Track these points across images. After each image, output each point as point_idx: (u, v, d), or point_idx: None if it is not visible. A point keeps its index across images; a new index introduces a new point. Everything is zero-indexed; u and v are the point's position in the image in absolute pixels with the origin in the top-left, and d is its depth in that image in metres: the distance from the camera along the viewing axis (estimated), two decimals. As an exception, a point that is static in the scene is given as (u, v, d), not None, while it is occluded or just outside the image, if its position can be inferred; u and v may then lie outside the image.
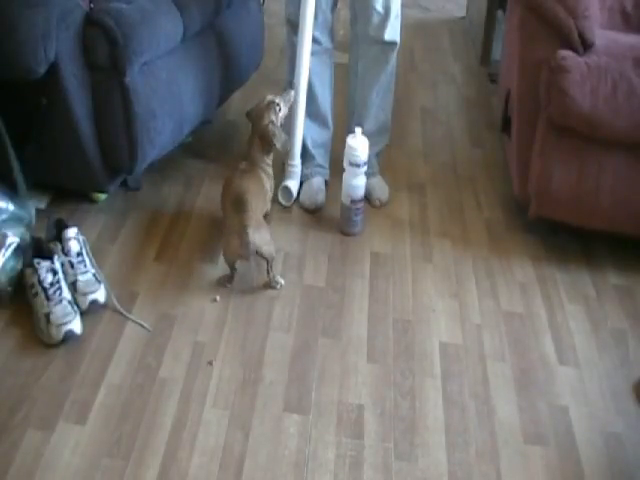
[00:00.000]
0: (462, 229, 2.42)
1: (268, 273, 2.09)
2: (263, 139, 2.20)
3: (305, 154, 2.51)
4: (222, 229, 2.13)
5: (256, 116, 2.22)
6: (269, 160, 2.25)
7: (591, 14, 2.13)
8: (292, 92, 2.30)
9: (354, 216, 2.34)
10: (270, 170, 2.25)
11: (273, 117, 2.20)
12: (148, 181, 2.49)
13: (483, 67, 3.62)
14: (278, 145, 2.19)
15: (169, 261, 2.17)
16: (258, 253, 2.03)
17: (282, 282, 2.11)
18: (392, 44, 2.40)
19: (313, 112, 2.48)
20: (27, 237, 2.06)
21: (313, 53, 2.34)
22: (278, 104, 2.22)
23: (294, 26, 2.34)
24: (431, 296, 2.13)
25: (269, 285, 2.10)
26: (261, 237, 2.02)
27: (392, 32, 2.37)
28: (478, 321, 2.05)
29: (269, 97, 2.24)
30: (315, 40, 2.35)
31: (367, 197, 2.42)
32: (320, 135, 2.55)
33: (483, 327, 2.03)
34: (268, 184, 2.23)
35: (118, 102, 2.11)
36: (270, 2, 3.55)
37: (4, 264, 1.95)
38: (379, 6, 2.30)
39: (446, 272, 2.23)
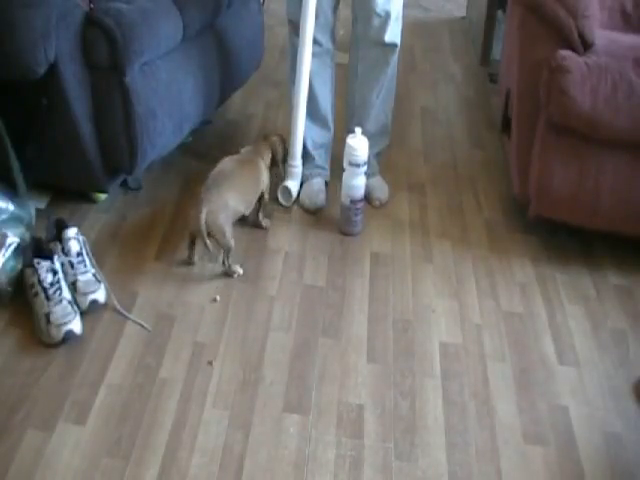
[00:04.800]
0: (462, 229, 2.42)
1: (223, 263, 2.11)
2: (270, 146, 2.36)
3: (305, 155, 2.50)
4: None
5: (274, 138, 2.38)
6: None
7: (591, 14, 2.13)
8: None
9: (354, 216, 2.34)
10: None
11: (280, 150, 2.38)
12: (148, 181, 2.49)
13: (483, 67, 3.62)
14: (280, 166, 2.38)
15: (169, 261, 2.17)
16: (211, 235, 2.05)
17: (240, 271, 2.13)
18: (392, 46, 2.39)
19: (313, 113, 2.48)
20: (27, 237, 2.07)
21: (314, 54, 2.34)
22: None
23: (295, 27, 2.34)
24: (431, 296, 2.13)
25: (227, 273, 2.13)
26: (215, 221, 2.04)
27: (392, 34, 2.36)
28: (478, 321, 2.05)
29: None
30: (316, 41, 2.34)
31: (367, 197, 2.42)
32: (320, 136, 2.55)
33: (483, 327, 2.03)
34: (266, 178, 2.29)
35: (118, 102, 2.11)
36: (270, 2, 3.55)
37: (4, 264, 1.95)
38: (379, 8, 2.30)
39: (446, 272, 2.23)
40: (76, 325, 1.86)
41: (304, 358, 1.89)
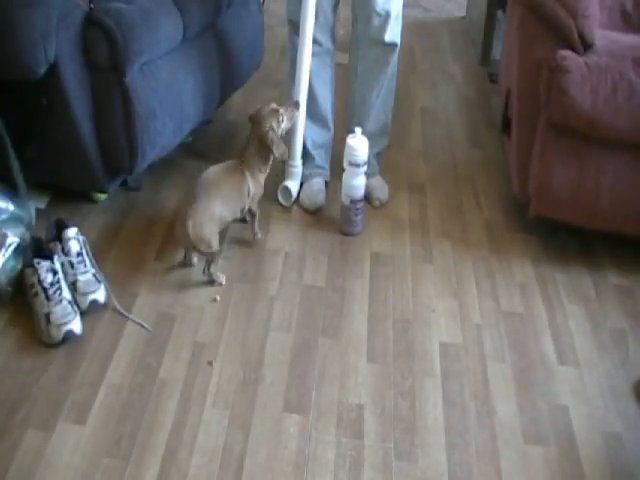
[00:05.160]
0: (462, 229, 2.42)
1: (204, 271, 2.09)
2: (261, 144, 2.16)
3: (305, 155, 2.50)
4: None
5: (257, 120, 2.17)
6: (264, 167, 2.19)
7: (591, 14, 2.13)
8: (297, 112, 2.27)
9: (354, 216, 2.34)
10: (261, 177, 2.20)
11: (274, 124, 2.16)
12: (148, 181, 2.49)
13: (483, 67, 3.62)
14: (276, 154, 2.15)
15: (169, 261, 2.17)
16: (195, 249, 2.05)
17: (222, 281, 2.10)
18: (392, 45, 2.39)
19: (313, 113, 2.48)
20: (27, 237, 2.07)
21: (314, 54, 2.34)
22: (282, 114, 2.18)
23: (295, 26, 2.34)
24: (431, 296, 2.13)
25: (209, 282, 2.10)
26: (200, 233, 2.00)
27: (392, 34, 2.36)
28: (478, 321, 2.05)
29: (274, 105, 2.19)
30: (315, 41, 2.34)
31: (367, 197, 2.41)
32: (320, 136, 2.55)
33: (483, 327, 2.03)
34: (252, 188, 2.16)
35: (118, 102, 2.11)
36: (270, 2, 3.55)
37: (4, 264, 1.95)
38: (379, 7, 2.30)
39: (446, 272, 2.23)
40: (76, 325, 1.86)
41: (304, 358, 1.89)
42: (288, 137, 2.41)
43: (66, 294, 1.90)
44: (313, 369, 1.85)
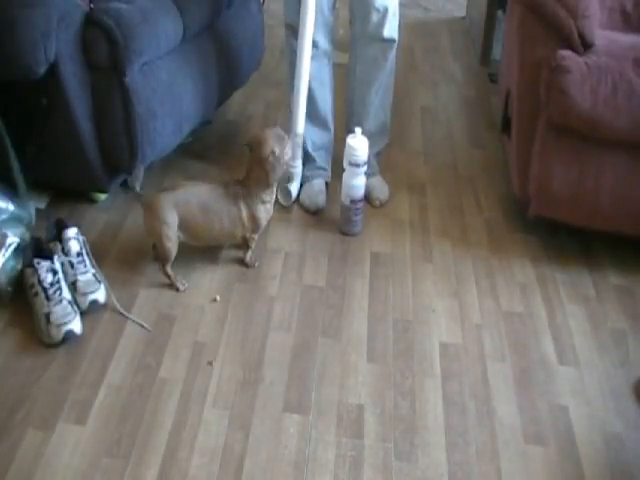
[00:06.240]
0: (462, 229, 2.42)
1: (159, 269, 2.07)
2: (260, 168, 2.02)
3: (306, 156, 2.50)
4: None
5: (258, 142, 2.01)
6: (267, 197, 2.08)
7: (591, 14, 2.13)
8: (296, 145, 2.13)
9: (354, 216, 2.34)
10: (262, 210, 2.08)
11: (277, 149, 2.00)
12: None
13: (483, 67, 3.62)
14: (270, 181, 2.01)
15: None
16: (155, 242, 2.04)
17: (181, 288, 2.07)
18: (391, 41, 2.40)
19: (313, 115, 2.48)
20: (27, 237, 2.07)
21: (312, 56, 2.34)
22: (287, 142, 2.04)
23: (293, 30, 2.34)
24: (431, 296, 2.13)
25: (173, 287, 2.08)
26: (152, 221, 2.00)
27: (391, 29, 2.36)
28: (478, 321, 2.05)
29: (281, 131, 2.04)
30: (314, 43, 2.34)
31: (367, 197, 2.42)
32: (320, 138, 2.55)
33: (483, 327, 2.03)
34: (247, 222, 2.08)
35: (118, 102, 2.11)
36: (270, 2, 3.55)
37: (4, 264, 1.95)
38: (377, 3, 2.30)
39: (446, 272, 2.23)
40: (76, 325, 1.86)
41: (304, 358, 1.89)
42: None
43: (66, 294, 1.90)
44: (313, 369, 1.85)
